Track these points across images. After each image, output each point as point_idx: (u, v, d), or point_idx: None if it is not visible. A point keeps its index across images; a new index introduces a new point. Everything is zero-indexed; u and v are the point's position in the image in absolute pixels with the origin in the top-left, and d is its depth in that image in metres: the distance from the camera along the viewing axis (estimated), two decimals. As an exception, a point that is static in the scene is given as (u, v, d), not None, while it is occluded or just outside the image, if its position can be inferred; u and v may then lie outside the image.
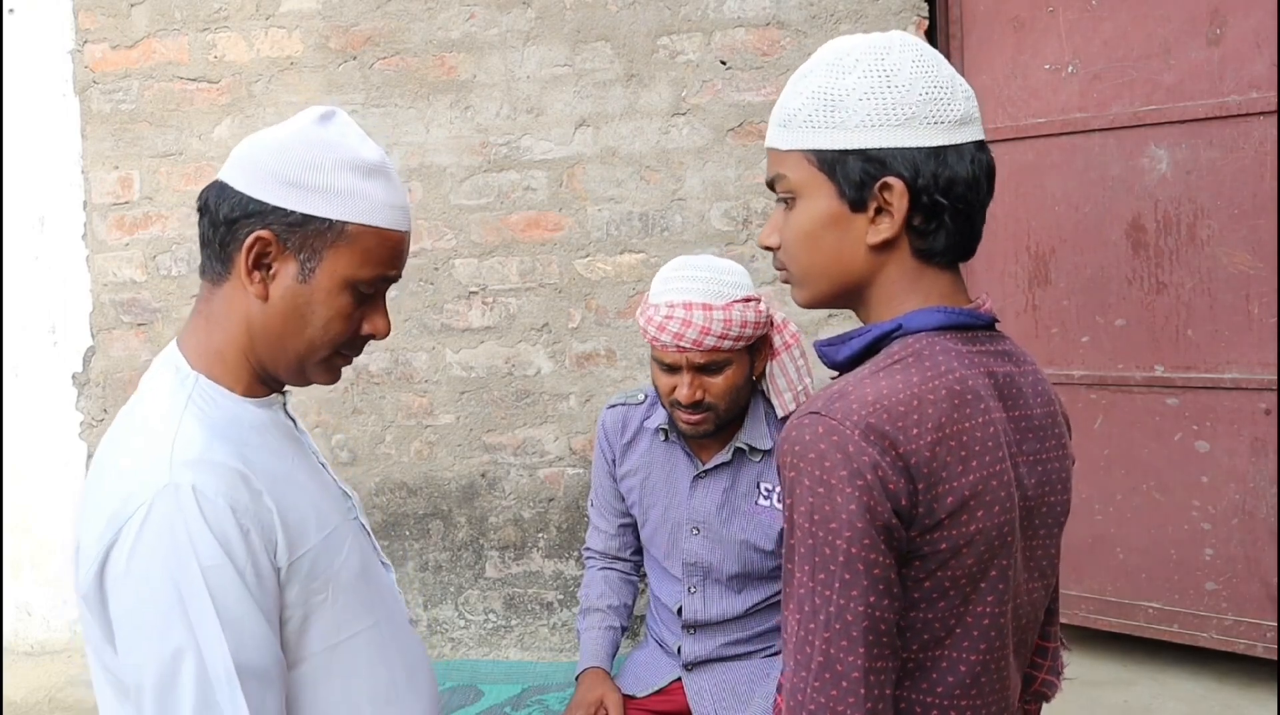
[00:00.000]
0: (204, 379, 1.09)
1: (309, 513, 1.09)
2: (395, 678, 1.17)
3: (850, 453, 0.85)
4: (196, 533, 0.98)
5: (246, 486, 1.02)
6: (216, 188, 1.09)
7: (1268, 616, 2.49)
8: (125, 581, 0.98)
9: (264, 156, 1.07)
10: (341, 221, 1.07)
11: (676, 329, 1.65)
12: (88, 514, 1.03)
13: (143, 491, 0.98)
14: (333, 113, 1.12)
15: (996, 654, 0.92)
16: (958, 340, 0.95)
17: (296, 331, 1.10)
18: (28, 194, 3.08)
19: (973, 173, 0.94)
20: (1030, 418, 0.98)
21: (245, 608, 1.00)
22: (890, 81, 0.92)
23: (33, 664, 3.10)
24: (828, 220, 0.96)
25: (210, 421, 1.05)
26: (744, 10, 2.78)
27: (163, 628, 0.97)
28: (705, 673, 1.86)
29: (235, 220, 1.07)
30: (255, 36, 2.94)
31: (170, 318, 3.01)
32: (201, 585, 0.97)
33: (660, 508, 1.88)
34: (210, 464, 1.01)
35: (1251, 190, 2.44)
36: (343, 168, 1.08)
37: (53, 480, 3.11)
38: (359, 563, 1.15)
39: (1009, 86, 2.72)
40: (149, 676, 0.98)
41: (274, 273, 1.08)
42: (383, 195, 1.10)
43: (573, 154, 2.86)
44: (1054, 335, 2.73)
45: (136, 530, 0.97)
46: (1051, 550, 1.02)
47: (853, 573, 0.85)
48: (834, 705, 0.85)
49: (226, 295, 1.10)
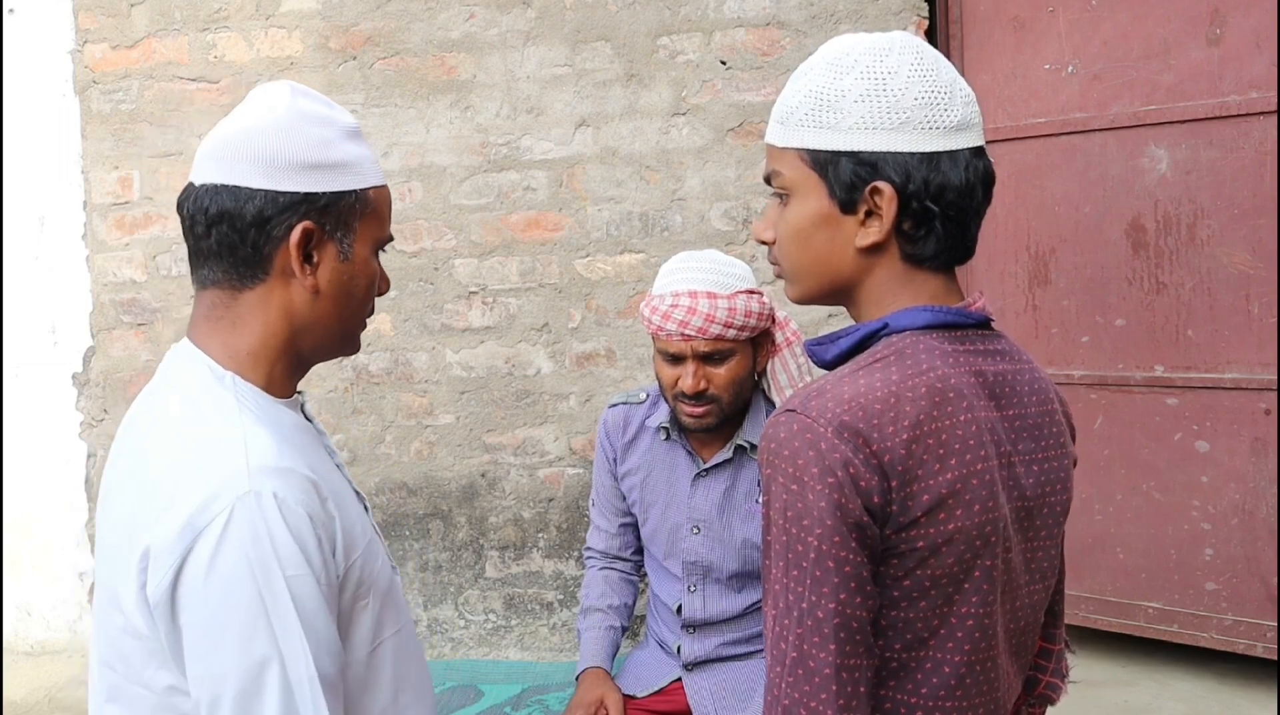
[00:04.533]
0: (240, 379, 1.05)
1: (355, 519, 1.08)
2: (419, 678, 1.18)
3: (822, 450, 0.85)
4: (280, 541, 0.95)
5: (318, 494, 1.01)
6: (216, 191, 1.03)
7: (1268, 616, 2.49)
8: (206, 589, 0.94)
9: (269, 146, 1.03)
10: (361, 190, 1.08)
11: (682, 317, 1.66)
12: (145, 515, 0.98)
13: (222, 497, 0.95)
14: (290, 85, 1.09)
15: (982, 655, 0.92)
16: (944, 339, 0.94)
17: (345, 310, 1.10)
18: (28, 194, 3.08)
19: (966, 179, 0.93)
20: (1026, 417, 0.97)
21: (323, 617, 0.98)
22: (886, 85, 0.92)
23: (33, 664, 3.10)
24: (818, 220, 0.96)
25: (272, 426, 1.03)
26: (744, 10, 2.78)
27: (247, 637, 0.94)
28: (705, 673, 1.86)
29: (268, 219, 1.02)
30: (255, 36, 2.94)
31: (170, 318, 3.01)
32: (286, 594, 0.95)
33: (661, 507, 1.88)
34: (288, 472, 0.99)
35: (1251, 190, 2.44)
36: (342, 138, 1.07)
37: (53, 480, 3.11)
38: (388, 567, 1.14)
39: (1009, 86, 2.72)
40: (230, 687, 0.94)
41: (318, 260, 1.06)
42: (370, 154, 1.11)
43: (573, 154, 2.86)
44: (1054, 335, 2.73)
45: (217, 537, 0.94)
46: (1052, 551, 1.01)
47: (823, 570, 0.85)
48: (807, 701, 0.85)
49: (261, 296, 1.06)
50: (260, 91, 1.08)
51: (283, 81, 1.09)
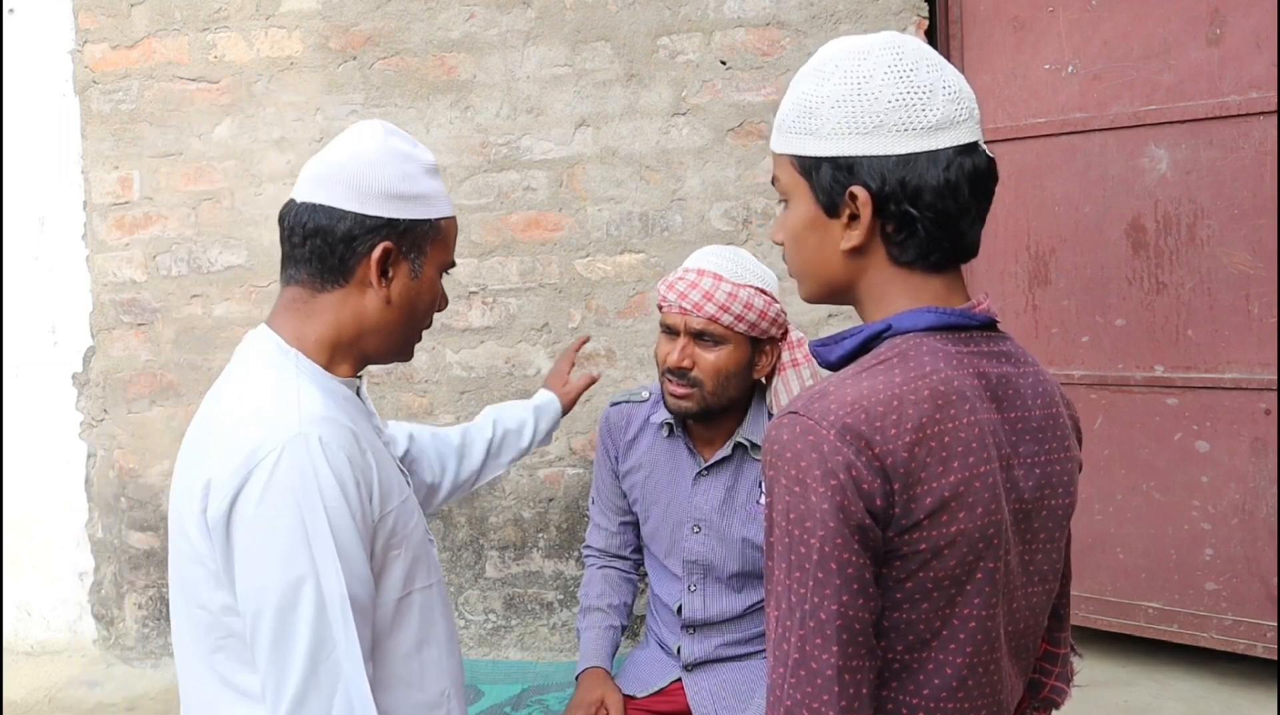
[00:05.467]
0: (301, 355, 1.23)
1: (392, 476, 1.25)
2: (448, 634, 1.35)
3: (825, 452, 0.86)
4: (322, 476, 1.11)
5: (357, 443, 1.18)
6: (314, 209, 1.22)
7: (1268, 616, 2.49)
8: (257, 514, 1.10)
9: (362, 176, 1.22)
10: (435, 219, 1.28)
11: (683, 289, 1.71)
12: (209, 453, 1.15)
13: (275, 438, 1.12)
14: (382, 124, 1.28)
15: (985, 657, 0.92)
16: (948, 341, 0.94)
17: (410, 321, 1.30)
18: (28, 194, 3.09)
19: (946, 179, 0.92)
20: (1028, 419, 0.97)
21: (356, 547, 1.14)
22: (861, 89, 0.93)
23: (33, 664, 3.10)
24: (809, 223, 0.98)
25: (324, 389, 1.21)
26: (744, 10, 2.78)
27: (288, 557, 1.10)
28: (705, 673, 1.86)
29: (355, 237, 1.22)
30: (255, 36, 2.94)
31: (170, 317, 3.01)
32: (324, 522, 1.10)
33: (662, 505, 1.89)
34: (332, 421, 1.16)
35: (1251, 190, 2.44)
36: (423, 174, 1.27)
37: (53, 480, 3.12)
38: (424, 530, 1.32)
39: (1009, 86, 2.72)
40: (271, 599, 1.10)
41: (392, 276, 1.25)
42: (443, 188, 1.31)
43: (573, 154, 2.86)
44: (1054, 335, 2.73)
45: (270, 471, 1.10)
46: (1053, 554, 1.01)
47: (826, 572, 0.85)
48: (809, 702, 0.85)
49: (338, 298, 1.24)
50: (358, 128, 1.28)
51: (376, 121, 1.29)
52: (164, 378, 3.03)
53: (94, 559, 3.12)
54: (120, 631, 3.10)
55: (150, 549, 3.05)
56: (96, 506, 3.11)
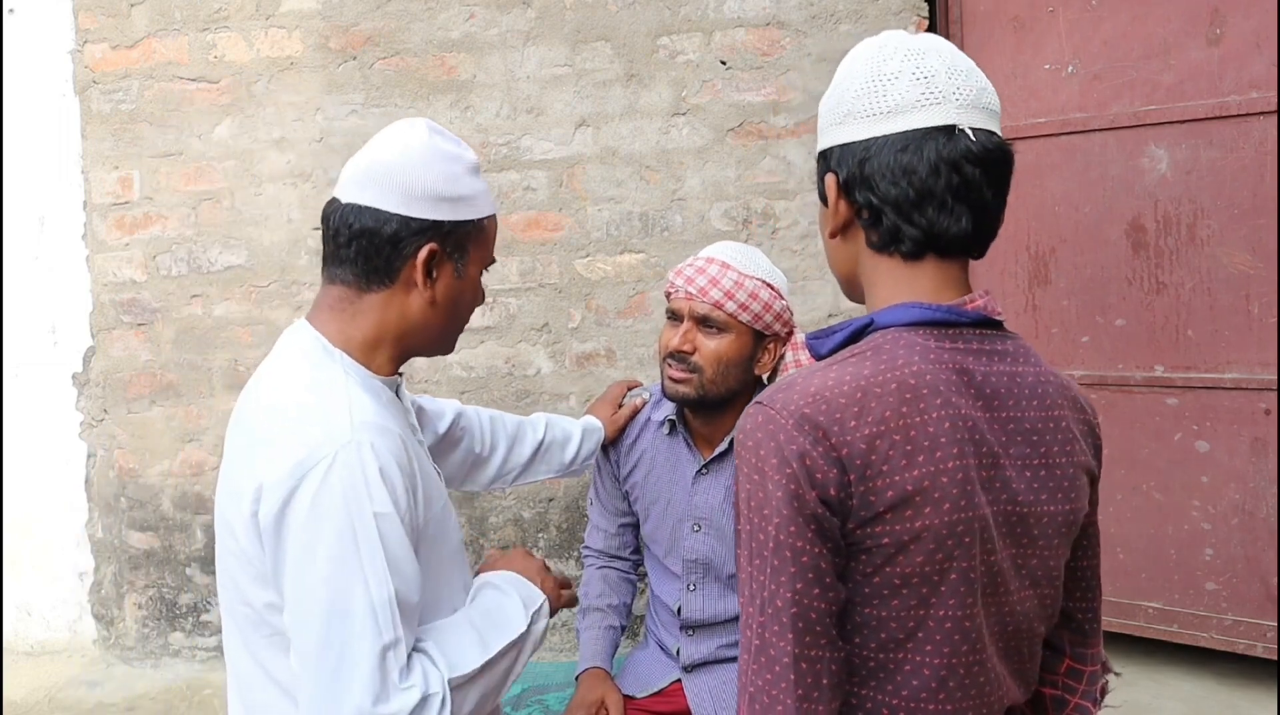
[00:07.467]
0: (347, 356, 1.24)
1: (434, 482, 1.28)
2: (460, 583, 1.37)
3: (781, 442, 0.86)
4: (373, 483, 1.12)
5: (407, 451, 1.19)
6: (360, 211, 1.22)
7: (1268, 616, 2.49)
8: (308, 518, 1.11)
9: (408, 178, 1.21)
10: (478, 219, 1.27)
11: (690, 274, 1.73)
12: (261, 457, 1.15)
13: (328, 443, 1.12)
14: (427, 124, 1.27)
15: (966, 659, 0.90)
16: (929, 336, 0.93)
17: (453, 319, 1.31)
18: (28, 194, 3.09)
19: (900, 162, 0.91)
20: (1020, 420, 0.95)
21: (405, 551, 1.15)
22: (840, 83, 0.98)
23: (33, 664, 3.10)
24: (820, 217, 1.05)
25: (373, 392, 1.22)
26: (744, 10, 2.78)
27: (338, 560, 1.11)
28: (705, 673, 1.86)
29: (401, 239, 1.22)
30: (255, 36, 2.94)
31: (170, 317, 3.01)
32: (374, 527, 1.12)
33: (662, 504, 1.88)
34: (383, 428, 1.17)
35: (1251, 190, 2.44)
36: (467, 174, 1.26)
37: (53, 480, 3.12)
38: (459, 534, 1.35)
39: (1009, 86, 2.72)
40: (320, 601, 1.11)
41: (437, 276, 1.25)
42: (486, 187, 1.30)
43: (573, 154, 2.86)
44: (1054, 335, 2.73)
45: (323, 475, 1.11)
46: (1050, 560, 0.98)
47: (781, 559, 0.86)
48: (769, 689, 0.86)
49: (383, 298, 1.25)
50: (401, 127, 1.27)
51: (420, 120, 1.28)
52: (164, 378, 3.03)
53: (94, 559, 3.12)
54: (120, 631, 3.10)
55: (150, 549, 3.05)
56: (96, 506, 3.11)
